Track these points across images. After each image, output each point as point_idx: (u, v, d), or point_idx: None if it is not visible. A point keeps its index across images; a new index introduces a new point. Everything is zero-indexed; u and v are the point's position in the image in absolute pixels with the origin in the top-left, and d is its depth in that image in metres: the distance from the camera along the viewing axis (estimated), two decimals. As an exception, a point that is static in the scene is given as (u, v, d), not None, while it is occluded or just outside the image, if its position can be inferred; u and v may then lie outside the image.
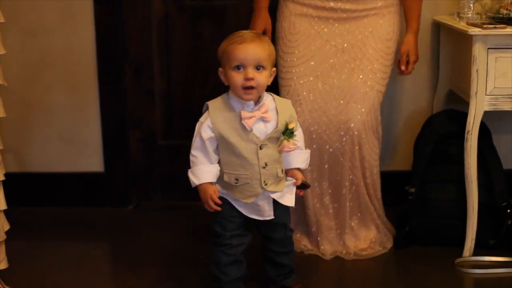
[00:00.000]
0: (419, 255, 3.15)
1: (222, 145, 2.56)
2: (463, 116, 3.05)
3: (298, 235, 3.17)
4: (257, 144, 2.54)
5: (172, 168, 3.72)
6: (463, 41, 3.06)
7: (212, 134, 2.54)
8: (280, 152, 2.59)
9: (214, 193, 2.54)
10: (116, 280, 3.06)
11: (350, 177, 3.06)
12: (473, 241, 3.10)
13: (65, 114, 3.65)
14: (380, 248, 3.14)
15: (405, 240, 3.22)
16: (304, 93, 3.03)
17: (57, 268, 3.09)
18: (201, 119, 2.59)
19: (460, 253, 3.11)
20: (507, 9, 3.08)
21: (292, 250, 2.80)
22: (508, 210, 3.19)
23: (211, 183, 2.56)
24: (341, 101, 3.01)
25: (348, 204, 3.10)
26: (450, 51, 3.36)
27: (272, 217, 2.64)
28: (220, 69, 2.59)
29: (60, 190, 3.71)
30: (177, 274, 3.01)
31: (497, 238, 3.20)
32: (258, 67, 2.51)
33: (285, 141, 2.57)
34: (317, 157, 3.05)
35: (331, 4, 3.03)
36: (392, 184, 3.43)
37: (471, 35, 2.91)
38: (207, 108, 2.59)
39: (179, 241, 3.32)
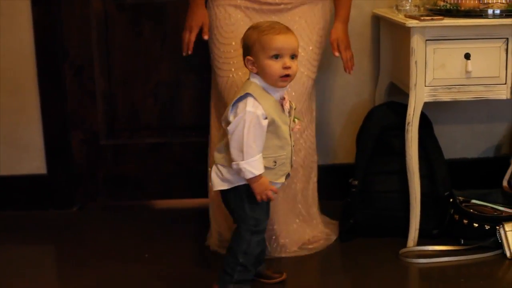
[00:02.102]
0: (364, 247, 3.17)
1: (269, 130, 2.62)
2: (404, 107, 3.07)
3: None
4: (289, 125, 2.68)
5: (116, 168, 3.69)
6: (402, 34, 3.09)
7: (267, 121, 2.60)
8: (292, 131, 2.73)
9: (267, 181, 2.63)
10: (62, 282, 3.04)
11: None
12: (417, 231, 3.13)
13: (5, 116, 3.59)
14: (323, 241, 3.16)
15: (350, 232, 3.24)
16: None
17: (1, 272, 3.05)
18: (250, 108, 2.57)
19: (404, 244, 3.14)
20: (444, 1, 3.12)
21: None
22: (451, 200, 3.24)
23: None
24: None
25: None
26: (390, 44, 3.39)
27: None
28: (249, 57, 2.62)
29: (3, 193, 3.65)
30: (123, 274, 2.99)
31: (440, 227, 3.24)
32: (292, 56, 2.61)
33: (298, 120, 2.76)
34: None
35: None
36: (335, 177, 3.45)
37: (409, 27, 2.94)
38: (250, 96, 2.59)
39: (125, 241, 3.30)
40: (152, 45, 3.57)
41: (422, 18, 2.95)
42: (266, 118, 2.59)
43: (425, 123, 3.27)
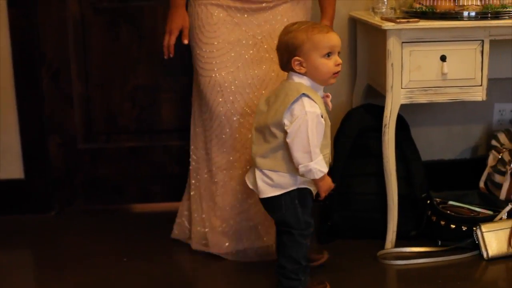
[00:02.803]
0: (342, 249, 3.18)
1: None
2: (381, 109, 3.09)
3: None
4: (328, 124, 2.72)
5: (94, 172, 3.68)
6: (378, 36, 3.10)
7: (323, 119, 2.64)
8: None
9: (329, 178, 2.70)
10: (40, 287, 3.03)
11: None
12: (395, 233, 3.15)
13: (-18, 121, 3.58)
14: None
15: (328, 234, 3.25)
16: (226, 84, 3.01)
17: (-23, 278, 3.03)
18: (309, 108, 2.59)
19: (382, 245, 3.15)
20: (420, 3, 3.14)
21: None
22: (428, 201, 3.26)
23: None
24: (263, 91, 3.01)
25: None
26: (366, 46, 3.40)
27: None
28: (297, 57, 2.64)
29: (-20, 198, 3.64)
30: (102, 279, 2.98)
31: (418, 229, 3.25)
32: (338, 53, 2.68)
33: None
34: (241, 147, 3.06)
35: None
36: (314, 180, 3.45)
37: (385, 30, 2.95)
38: (305, 97, 2.61)
39: (103, 245, 3.29)
40: (129, 48, 3.56)
41: (398, 20, 2.96)
42: (322, 116, 2.64)
43: (402, 125, 3.29)
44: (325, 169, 2.64)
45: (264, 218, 3.05)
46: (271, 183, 2.68)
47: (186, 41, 3.06)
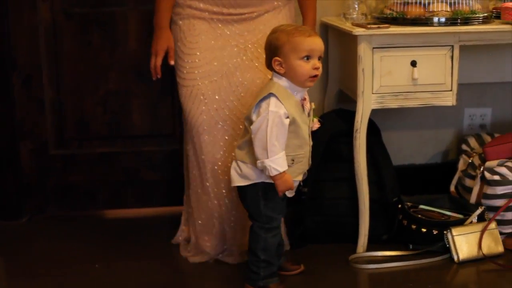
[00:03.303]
0: (314, 254, 3.20)
1: (290, 130, 2.72)
2: (352, 114, 3.10)
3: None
4: (308, 125, 2.80)
5: (66, 178, 3.66)
6: (349, 42, 3.12)
7: (288, 120, 2.69)
8: (311, 130, 2.85)
9: (291, 178, 2.74)
10: (10, 294, 3.01)
11: None
12: (366, 237, 3.17)
13: (-48, 127, 3.55)
14: None
15: (301, 239, 3.26)
16: (209, 93, 3.01)
17: None
18: (272, 108, 2.68)
19: (354, 250, 3.17)
20: (390, 9, 3.16)
21: None
22: (399, 205, 3.28)
23: None
24: (248, 99, 3.01)
25: None
26: (338, 52, 3.42)
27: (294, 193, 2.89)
28: (277, 58, 2.71)
29: (-50, 205, 3.61)
30: (73, 285, 2.97)
31: (389, 233, 3.27)
32: (319, 58, 2.74)
33: (315, 119, 2.87)
34: (223, 157, 3.06)
35: (230, 10, 3.03)
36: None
37: (356, 36, 2.97)
38: (273, 97, 2.69)
39: (75, 252, 3.27)
40: (101, 53, 3.55)
41: (368, 26, 2.98)
42: (288, 117, 2.69)
43: (373, 130, 3.31)
44: (281, 168, 2.68)
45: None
46: (240, 173, 2.78)
47: (172, 62, 3.07)
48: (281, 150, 2.68)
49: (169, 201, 3.66)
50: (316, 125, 2.87)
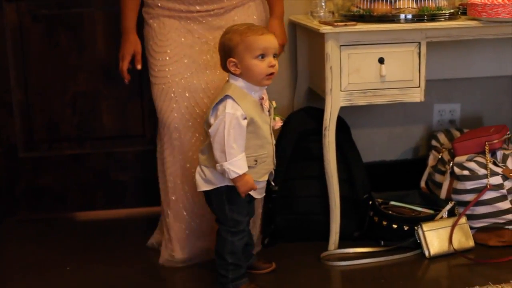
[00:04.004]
0: (286, 252, 3.20)
1: (249, 131, 2.71)
2: (321, 112, 3.11)
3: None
4: (269, 124, 2.79)
5: (36, 180, 3.64)
6: (317, 40, 3.13)
7: (246, 121, 2.68)
8: (272, 128, 2.83)
9: (251, 179, 2.72)
10: (-20, 299, 2.99)
11: None
12: (337, 235, 3.17)
13: None
14: None
15: (272, 238, 3.26)
16: (180, 90, 3.01)
17: None
18: (229, 110, 2.67)
19: (326, 247, 3.18)
20: (357, 7, 3.17)
21: None
22: (370, 202, 3.29)
23: None
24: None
25: None
26: (306, 50, 3.43)
27: (264, 193, 2.90)
28: (232, 59, 2.71)
29: None
30: (43, 288, 2.96)
31: (360, 230, 3.29)
32: (275, 55, 2.73)
33: (277, 118, 2.85)
34: (194, 153, 3.05)
35: (197, 7, 3.02)
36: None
37: (323, 33, 2.98)
38: (229, 98, 2.68)
39: (46, 254, 3.26)
40: (69, 55, 3.53)
41: (335, 24, 2.99)
42: (245, 118, 2.67)
43: (342, 127, 3.31)
44: (241, 170, 2.67)
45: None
46: (204, 177, 2.78)
47: (139, 67, 3.08)
48: (240, 152, 2.67)
49: (140, 202, 3.65)
50: (279, 123, 2.86)
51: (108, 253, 3.25)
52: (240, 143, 2.68)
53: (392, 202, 3.34)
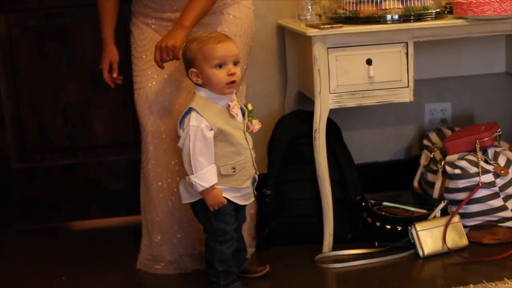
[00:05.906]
0: (280, 255, 3.20)
1: (219, 139, 2.68)
2: (311, 115, 3.11)
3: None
4: (242, 129, 2.74)
5: (30, 191, 3.64)
6: (305, 43, 3.13)
7: (213, 132, 2.65)
8: (251, 132, 2.79)
9: (220, 193, 2.69)
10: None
11: None
12: (331, 237, 3.17)
13: None
14: None
15: (266, 241, 3.26)
16: (153, 96, 3.03)
17: None
18: (193, 123, 2.65)
19: (320, 250, 3.18)
20: (344, 9, 3.17)
21: None
22: (363, 203, 3.29)
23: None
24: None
25: None
26: (295, 54, 3.43)
27: (253, 198, 2.87)
28: (192, 69, 2.69)
29: None
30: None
31: (354, 231, 3.29)
32: (235, 63, 2.69)
33: (254, 121, 2.80)
34: (169, 158, 3.06)
35: (168, 14, 3.03)
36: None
37: (310, 36, 2.98)
38: (193, 111, 2.66)
39: (42, 264, 3.26)
40: (59, 65, 3.53)
41: (322, 26, 2.99)
42: (211, 129, 2.64)
43: (333, 129, 3.32)
44: (207, 183, 2.65)
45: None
46: (188, 189, 2.76)
47: (114, 75, 3.12)
48: (207, 165, 2.65)
49: (133, 210, 3.63)
50: (257, 126, 2.81)
51: (103, 262, 3.25)
52: (207, 156, 2.65)
53: (385, 203, 3.34)
